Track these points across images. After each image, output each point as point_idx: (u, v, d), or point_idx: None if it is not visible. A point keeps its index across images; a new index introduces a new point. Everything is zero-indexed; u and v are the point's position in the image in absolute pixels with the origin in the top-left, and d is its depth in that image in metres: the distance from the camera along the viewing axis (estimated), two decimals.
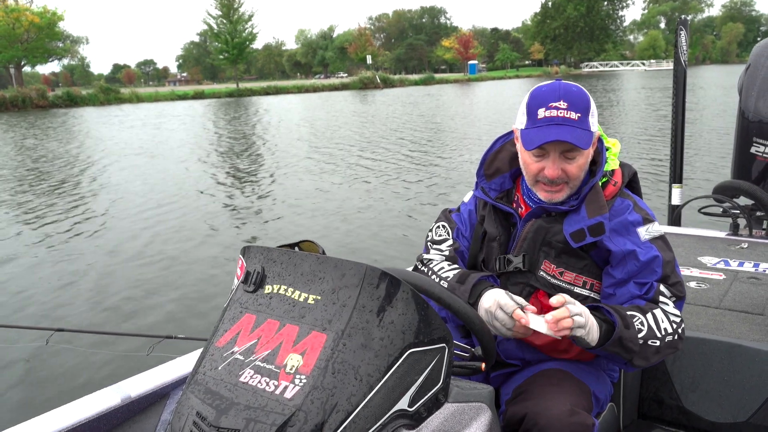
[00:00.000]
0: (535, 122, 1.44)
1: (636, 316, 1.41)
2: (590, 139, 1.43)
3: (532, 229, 1.54)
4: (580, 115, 1.42)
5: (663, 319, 1.43)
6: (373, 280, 1.11)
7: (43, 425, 1.38)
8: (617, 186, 1.53)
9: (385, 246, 7.22)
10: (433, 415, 1.14)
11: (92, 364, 4.30)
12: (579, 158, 1.45)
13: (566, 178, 1.46)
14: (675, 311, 1.47)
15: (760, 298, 2.30)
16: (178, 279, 6.31)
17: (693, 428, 1.99)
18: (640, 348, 1.39)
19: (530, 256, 1.53)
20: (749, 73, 3.85)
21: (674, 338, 1.44)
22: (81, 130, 25.95)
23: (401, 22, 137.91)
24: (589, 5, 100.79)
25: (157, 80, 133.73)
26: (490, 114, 25.82)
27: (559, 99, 1.43)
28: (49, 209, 10.13)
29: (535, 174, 1.48)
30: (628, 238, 1.48)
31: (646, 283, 1.47)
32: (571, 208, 1.50)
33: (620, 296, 1.49)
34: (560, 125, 1.40)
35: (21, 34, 57.80)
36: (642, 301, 1.46)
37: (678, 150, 3.99)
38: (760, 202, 3.56)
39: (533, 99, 1.47)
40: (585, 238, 1.46)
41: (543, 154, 1.45)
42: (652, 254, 1.47)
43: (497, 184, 1.62)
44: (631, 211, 1.51)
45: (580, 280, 1.52)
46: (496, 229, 1.59)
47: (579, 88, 1.47)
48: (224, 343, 1.15)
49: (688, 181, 9.43)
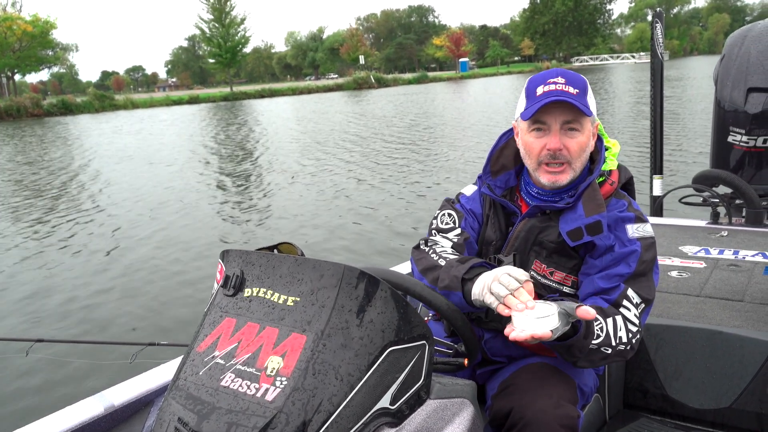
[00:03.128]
0: (535, 99, 1.45)
1: (598, 320, 1.37)
2: (590, 111, 1.44)
3: (524, 229, 1.54)
4: (579, 91, 1.44)
5: (621, 327, 1.40)
6: (352, 280, 1.11)
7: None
8: (614, 186, 1.54)
9: (389, 247, 7.21)
10: (416, 412, 1.14)
11: (74, 374, 4.25)
12: (580, 135, 1.45)
13: (568, 156, 1.45)
14: (635, 320, 1.43)
15: (740, 285, 2.33)
16: (161, 285, 6.28)
17: (677, 416, 2.00)
18: (588, 353, 1.36)
19: (521, 256, 1.53)
20: (724, 63, 3.89)
21: (626, 348, 1.41)
22: (87, 137, 25.75)
23: (389, 21, 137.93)
24: (577, 0, 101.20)
25: (147, 86, 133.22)
26: (502, 107, 25.81)
27: (557, 76, 1.46)
28: (33, 218, 10.06)
29: (538, 153, 1.47)
30: (615, 233, 1.48)
31: (614, 278, 1.45)
32: (567, 205, 1.49)
33: (587, 285, 1.48)
34: (559, 95, 1.42)
35: (14, 43, 57.48)
36: (605, 302, 1.44)
37: (657, 141, 4.03)
38: (739, 191, 3.59)
39: (531, 82, 1.50)
40: (582, 237, 1.46)
41: (544, 129, 1.46)
42: (632, 248, 1.46)
43: (502, 181, 1.61)
44: (624, 210, 1.51)
45: (569, 280, 1.52)
46: (495, 233, 1.59)
47: (576, 73, 1.49)
48: (205, 347, 1.15)
49: (682, 171, 9.51)
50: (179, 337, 4.22)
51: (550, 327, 1.20)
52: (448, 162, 12.87)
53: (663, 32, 3.94)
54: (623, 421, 1.99)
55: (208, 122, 30.77)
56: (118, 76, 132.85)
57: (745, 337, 1.89)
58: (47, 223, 9.63)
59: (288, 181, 12.04)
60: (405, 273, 1.37)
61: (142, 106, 50.49)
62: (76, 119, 39.65)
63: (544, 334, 1.19)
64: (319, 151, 16.03)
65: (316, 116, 29.28)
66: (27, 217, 10.26)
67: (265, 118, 30.86)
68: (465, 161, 12.82)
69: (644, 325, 1.48)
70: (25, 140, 26.01)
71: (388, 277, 1.29)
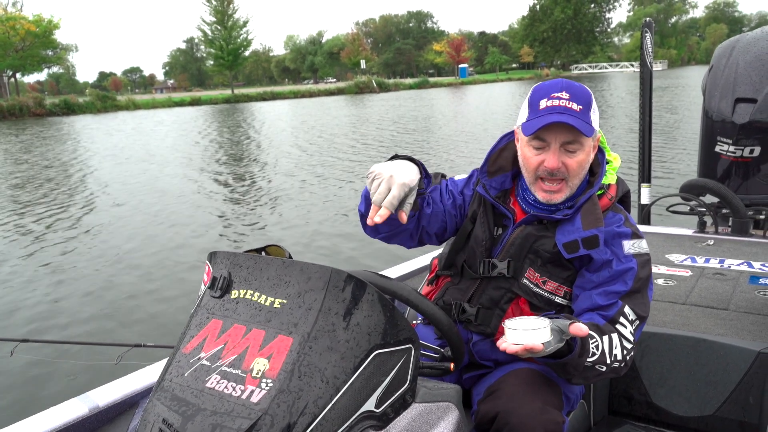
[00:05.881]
0: (537, 112, 1.43)
1: (594, 337, 1.37)
2: (592, 131, 1.42)
3: (521, 236, 1.53)
4: (582, 108, 1.42)
5: (617, 345, 1.41)
6: (339, 283, 1.12)
7: None
8: (612, 201, 1.54)
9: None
10: (401, 416, 1.14)
11: (59, 374, 4.21)
12: (580, 153, 1.44)
13: (566, 173, 1.44)
14: (630, 337, 1.44)
15: (725, 293, 2.34)
16: (149, 286, 6.26)
17: (662, 423, 2.01)
18: (583, 371, 1.37)
19: (515, 263, 1.52)
20: (712, 74, 3.93)
21: (620, 365, 1.42)
22: (99, 136, 25.68)
23: (388, 26, 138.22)
24: (576, 8, 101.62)
25: (144, 88, 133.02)
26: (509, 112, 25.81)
27: (561, 90, 1.43)
28: (20, 217, 10.04)
29: (535, 168, 1.46)
30: (611, 248, 1.48)
31: (611, 295, 1.45)
32: (565, 217, 1.49)
33: (583, 300, 1.48)
34: (561, 113, 1.40)
35: (17, 43, 57.40)
36: (601, 319, 1.44)
37: (645, 150, 4.07)
38: (725, 200, 3.62)
39: (535, 93, 1.47)
40: (578, 250, 1.46)
41: (543, 146, 1.44)
42: (628, 266, 1.46)
43: (498, 182, 1.59)
44: (621, 225, 1.51)
45: (562, 291, 1.52)
46: (483, 233, 1.57)
47: (581, 85, 1.47)
48: (191, 349, 1.15)
49: (679, 179, 9.53)
50: (166, 338, 4.21)
51: (541, 340, 1.20)
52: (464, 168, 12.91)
53: (653, 41, 3.98)
54: (608, 427, 1.99)
55: (221, 123, 30.64)
56: (116, 77, 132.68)
57: (730, 346, 1.90)
58: (43, 221, 9.61)
59: (303, 184, 11.97)
60: (393, 277, 1.38)
61: (144, 107, 50.47)
62: (78, 119, 39.60)
63: (535, 346, 1.20)
64: (332, 155, 15.90)
65: (327, 119, 29.19)
66: (39, 213, 10.24)
67: (276, 120, 30.72)
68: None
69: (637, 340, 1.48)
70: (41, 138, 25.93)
71: (375, 281, 1.29)
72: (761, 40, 3.77)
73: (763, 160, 3.67)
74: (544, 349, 1.21)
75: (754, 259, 2.74)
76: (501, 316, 1.54)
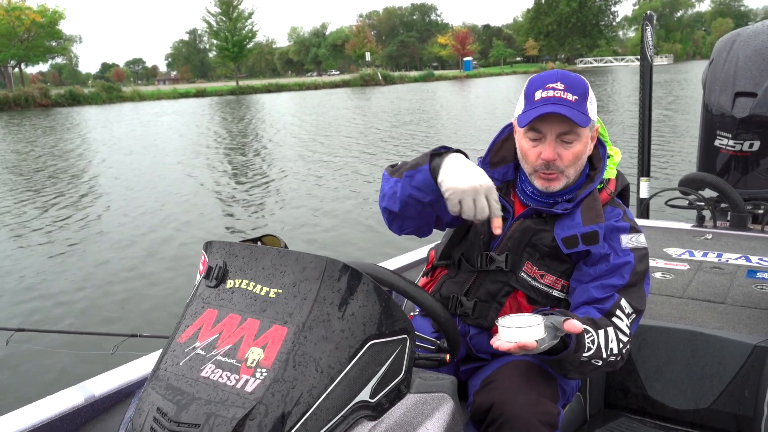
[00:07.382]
0: (532, 104, 1.43)
1: (589, 332, 1.37)
2: (587, 121, 1.41)
3: (519, 229, 1.52)
4: (578, 98, 1.41)
5: (612, 339, 1.41)
6: (334, 272, 1.12)
7: (3, 426, 1.37)
8: (611, 195, 1.54)
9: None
10: (395, 406, 1.14)
11: (55, 364, 4.22)
12: (576, 144, 1.43)
13: (561, 165, 1.44)
14: (627, 330, 1.44)
15: (722, 287, 2.35)
16: (145, 276, 6.28)
17: (657, 416, 2.02)
18: (579, 366, 1.37)
19: (513, 256, 1.52)
20: (712, 67, 3.91)
21: (616, 359, 1.42)
22: (108, 126, 25.61)
23: (392, 19, 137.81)
24: (582, 1, 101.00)
25: (146, 79, 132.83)
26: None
27: (556, 81, 1.42)
28: (16, 206, 10.06)
29: (533, 161, 1.46)
30: (609, 242, 1.48)
31: (608, 288, 1.45)
32: (565, 211, 1.48)
33: (580, 293, 1.48)
34: (556, 104, 1.39)
35: (22, 33, 57.37)
36: (597, 313, 1.44)
37: (645, 143, 4.07)
38: (724, 194, 3.63)
39: (531, 84, 1.47)
40: (578, 246, 1.45)
41: (539, 137, 1.44)
42: (626, 260, 1.46)
43: (500, 173, 1.58)
44: (619, 219, 1.50)
45: (559, 284, 1.52)
46: (482, 226, 1.56)
47: (577, 75, 1.46)
48: (186, 338, 1.15)
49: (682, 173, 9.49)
50: (162, 329, 4.22)
51: (535, 337, 1.20)
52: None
53: (653, 35, 3.97)
54: (604, 420, 2.00)
55: (232, 115, 30.54)
56: (118, 68, 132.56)
57: (726, 339, 1.91)
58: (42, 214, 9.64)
59: (313, 174, 11.98)
60: (390, 268, 1.38)
61: (149, 98, 50.42)
62: (84, 110, 39.64)
63: (528, 343, 1.20)
64: (343, 147, 15.85)
65: (335, 112, 29.08)
66: (40, 202, 10.26)
67: (284, 112, 30.58)
68: None
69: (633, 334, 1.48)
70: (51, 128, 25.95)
71: (371, 271, 1.29)
72: (761, 33, 3.74)
73: (763, 154, 3.67)
74: (538, 346, 1.21)
75: (751, 254, 2.74)
76: (498, 309, 1.54)
